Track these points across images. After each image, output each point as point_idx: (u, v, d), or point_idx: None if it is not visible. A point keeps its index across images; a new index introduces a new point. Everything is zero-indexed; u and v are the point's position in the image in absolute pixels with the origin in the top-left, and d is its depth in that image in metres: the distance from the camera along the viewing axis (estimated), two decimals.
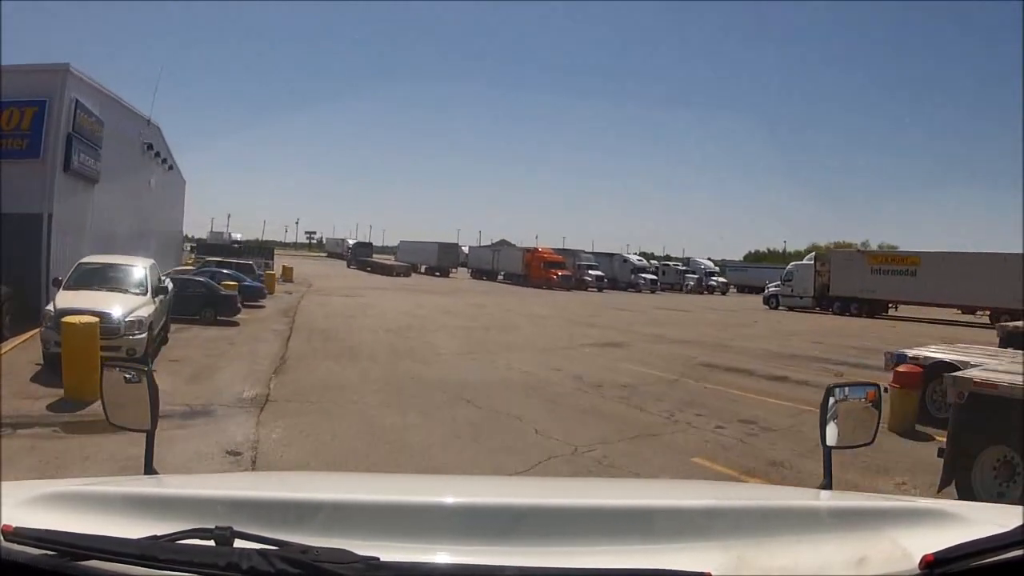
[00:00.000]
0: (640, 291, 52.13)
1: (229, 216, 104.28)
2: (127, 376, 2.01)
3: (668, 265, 62.47)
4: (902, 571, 1.22)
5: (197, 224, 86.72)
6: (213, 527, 1.18)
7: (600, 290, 49.98)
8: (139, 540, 1.15)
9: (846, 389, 2.11)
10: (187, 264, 31.28)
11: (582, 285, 49.84)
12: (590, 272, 51.58)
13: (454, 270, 61.53)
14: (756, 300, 51.13)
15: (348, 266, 62.82)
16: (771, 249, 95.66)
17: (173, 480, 2.14)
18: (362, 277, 50.27)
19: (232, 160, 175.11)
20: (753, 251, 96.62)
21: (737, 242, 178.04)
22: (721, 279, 61.70)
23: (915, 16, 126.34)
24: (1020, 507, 1.56)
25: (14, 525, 1.13)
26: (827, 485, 1.97)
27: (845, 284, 37.92)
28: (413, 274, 56.34)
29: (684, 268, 61.60)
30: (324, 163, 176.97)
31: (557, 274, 49.22)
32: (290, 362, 12.49)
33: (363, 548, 1.15)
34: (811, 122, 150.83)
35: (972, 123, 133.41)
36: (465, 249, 67.67)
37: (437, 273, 59.56)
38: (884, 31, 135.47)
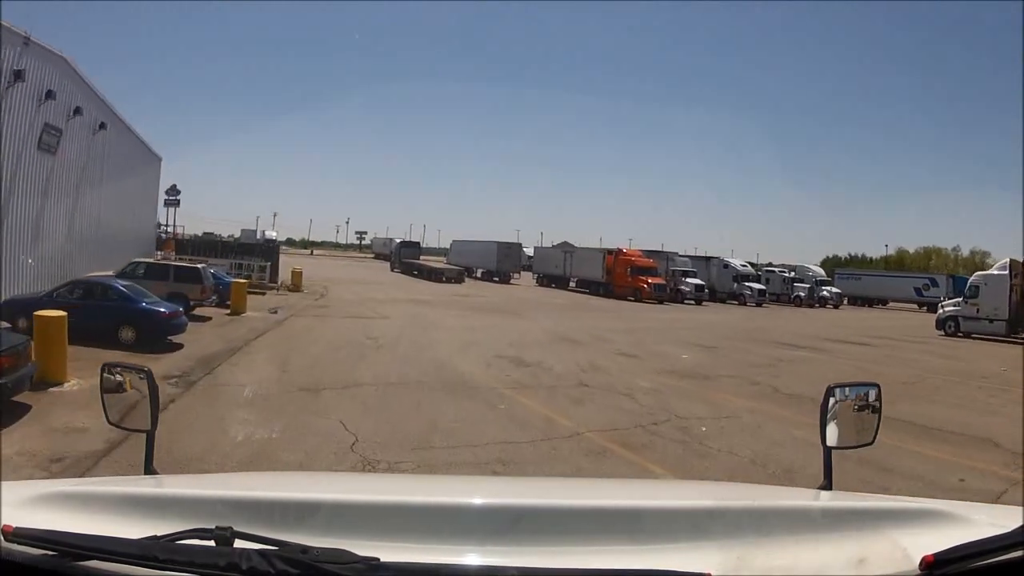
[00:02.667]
0: (744, 303, 42.63)
1: (275, 215, 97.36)
2: (127, 377, 1.96)
3: (774, 272, 51.53)
4: (902, 572, 1.20)
5: (240, 223, 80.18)
6: (213, 527, 1.17)
7: (699, 303, 39.93)
8: (139, 540, 1.14)
9: (847, 389, 2.03)
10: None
11: (676, 296, 39.84)
12: (687, 280, 41.32)
13: (516, 274, 51.99)
14: (895, 316, 41.24)
15: (391, 269, 54.47)
16: (852, 254, 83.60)
17: (173, 480, 2.11)
18: (403, 284, 41.33)
19: (281, 157, 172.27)
20: (831, 255, 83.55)
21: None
22: (834, 289, 51.32)
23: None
24: (1020, 507, 1.50)
25: (14, 525, 1.12)
26: (827, 486, 1.92)
27: None
28: (467, 279, 47.25)
29: (792, 275, 50.62)
30: (376, 161, 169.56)
31: (648, 282, 39.16)
32: None
33: (363, 548, 1.14)
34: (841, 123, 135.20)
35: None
36: (528, 251, 58.11)
37: (496, 278, 50.22)
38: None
